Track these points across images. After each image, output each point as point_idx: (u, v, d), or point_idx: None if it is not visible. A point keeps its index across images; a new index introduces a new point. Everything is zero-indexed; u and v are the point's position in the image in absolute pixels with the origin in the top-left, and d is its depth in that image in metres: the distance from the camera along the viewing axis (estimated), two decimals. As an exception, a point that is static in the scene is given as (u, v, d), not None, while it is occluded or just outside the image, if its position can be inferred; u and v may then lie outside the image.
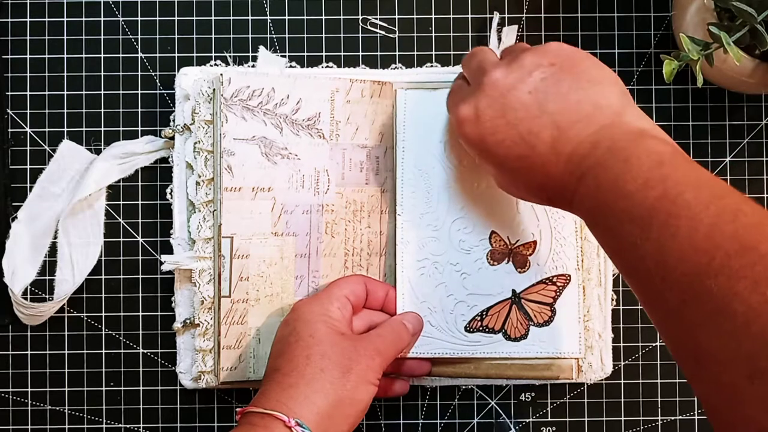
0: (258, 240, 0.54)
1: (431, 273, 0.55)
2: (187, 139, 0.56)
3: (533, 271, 0.55)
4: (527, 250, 0.55)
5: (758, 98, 0.59)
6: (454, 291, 0.55)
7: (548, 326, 0.55)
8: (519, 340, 0.55)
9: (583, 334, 0.55)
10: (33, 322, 0.58)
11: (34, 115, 0.59)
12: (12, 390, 0.58)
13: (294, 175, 0.55)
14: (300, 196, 0.55)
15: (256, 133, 0.54)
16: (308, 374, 0.46)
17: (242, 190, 0.53)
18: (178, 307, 0.57)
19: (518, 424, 0.59)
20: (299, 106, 0.55)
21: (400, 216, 0.55)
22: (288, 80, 0.55)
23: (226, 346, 0.54)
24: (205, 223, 0.55)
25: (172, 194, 0.57)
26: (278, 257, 0.55)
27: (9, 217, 0.57)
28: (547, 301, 0.55)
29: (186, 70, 0.57)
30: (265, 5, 0.59)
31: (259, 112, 0.54)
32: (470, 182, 0.55)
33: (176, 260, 0.55)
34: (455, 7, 0.59)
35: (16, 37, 0.59)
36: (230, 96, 0.53)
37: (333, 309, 0.50)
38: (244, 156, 0.53)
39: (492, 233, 0.55)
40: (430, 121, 0.55)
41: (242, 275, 0.54)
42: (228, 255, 0.53)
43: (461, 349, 0.55)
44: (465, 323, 0.55)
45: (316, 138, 0.55)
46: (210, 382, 0.55)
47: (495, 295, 0.55)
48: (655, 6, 0.59)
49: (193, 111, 0.55)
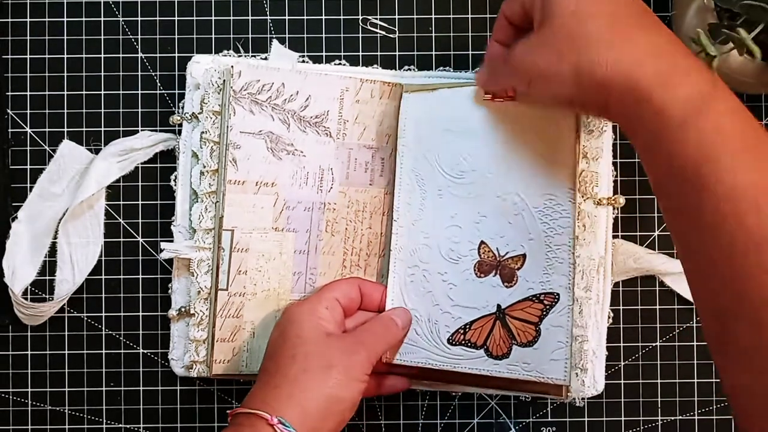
0: (258, 234, 0.54)
1: (420, 281, 0.54)
2: (195, 127, 0.56)
3: (520, 286, 0.53)
4: (515, 264, 0.53)
5: (758, 98, 0.59)
6: (441, 301, 0.54)
7: (532, 347, 0.52)
8: (501, 359, 0.53)
9: (570, 360, 0.52)
10: (33, 322, 0.58)
11: (34, 115, 0.59)
12: (12, 390, 0.58)
13: (298, 172, 0.55)
14: (303, 193, 0.55)
15: (263, 128, 0.54)
16: (292, 374, 0.47)
17: (245, 184, 0.53)
18: (174, 294, 0.57)
19: (518, 424, 0.59)
20: (308, 102, 0.54)
21: (396, 221, 0.55)
22: (298, 76, 0.54)
23: (221, 339, 0.54)
24: (206, 213, 0.54)
25: (176, 181, 0.57)
26: (277, 252, 0.55)
27: (9, 217, 0.58)
28: (532, 320, 0.53)
29: (198, 58, 0.57)
30: (265, 5, 0.59)
31: (267, 106, 0.54)
32: (463, 189, 0.54)
33: (176, 248, 0.55)
34: (455, 7, 0.59)
35: (16, 37, 0.59)
36: (239, 89, 0.53)
37: (321, 309, 0.50)
38: (249, 149, 0.53)
39: (481, 243, 0.53)
40: (427, 124, 0.54)
41: (241, 269, 0.54)
42: (228, 248, 0.53)
43: (443, 361, 0.53)
44: (448, 335, 0.53)
45: (322, 136, 0.55)
46: (201, 372, 0.55)
47: (480, 309, 0.53)
48: (655, 6, 0.59)
49: (202, 100, 0.55)
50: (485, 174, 0.54)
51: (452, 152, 0.54)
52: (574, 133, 0.53)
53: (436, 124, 0.54)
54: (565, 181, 0.53)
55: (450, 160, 0.54)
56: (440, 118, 0.54)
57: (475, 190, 0.54)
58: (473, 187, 0.54)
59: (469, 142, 0.54)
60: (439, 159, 0.54)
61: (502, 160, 0.53)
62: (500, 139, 0.53)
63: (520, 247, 0.53)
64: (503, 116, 0.53)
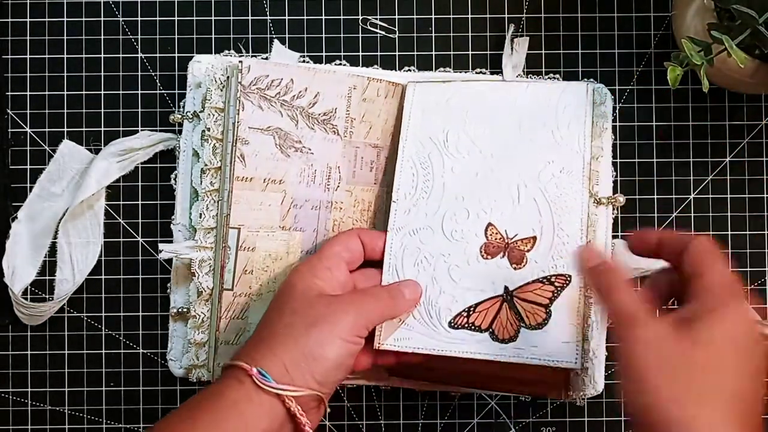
0: (265, 233, 0.53)
1: (420, 262, 0.53)
2: (196, 126, 0.56)
3: (530, 268, 0.52)
4: (525, 246, 0.52)
5: (758, 98, 0.59)
6: (442, 282, 0.52)
7: (541, 329, 0.51)
8: (507, 342, 0.51)
9: (581, 344, 0.50)
10: (33, 322, 0.58)
11: (34, 115, 0.58)
12: (12, 390, 0.58)
13: (306, 170, 0.54)
14: (310, 191, 0.54)
15: (271, 124, 0.53)
16: (276, 330, 0.47)
17: (253, 181, 0.53)
18: (174, 294, 0.56)
19: (518, 424, 0.59)
20: (317, 99, 0.54)
21: (396, 202, 0.54)
22: (308, 73, 0.54)
23: (225, 341, 0.53)
24: (208, 212, 0.54)
25: (176, 180, 0.57)
26: (284, 252, 0.54)
27: (9, 217, 0.57)
28: (542, 302, 0.51)
29: (200, 57, 0.57)
30: (265, 5, 0.59)
31: (276, 102, 0.53)
32: (470, 171, 0.54)
33: (174, 249, 0.54)
34: (455, 7, 0.59)
35: (16, 37, 0.59)
36: (248, 84, 0.52)
37: (321, 269, 0.49)
38: (258, 146, 0.53)
39: (488, 225, 0.53)
40: (434, 108, 0.55)
41: (247, 268, 0.53)
42: (234, 246, 0.53)
43: (442, 346, 0.51)
44: (449, 318, 0.52)
45: (330, 134, 0.55)
46: (201, 376, 0.55)
47: (485, 291, 0.52)
48: (655, 6, 0.59)
49: (203, 98, 0.55)
50: (495, 156, 0.54)
51: (461, 135, 0.54)
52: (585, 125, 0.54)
53: (445, 109, 0.55)
54: (576, 166, 0.53)
55: (458, 143, 0.54)
56: (451, 105, 0.55)
57: (484, 172, 0.54)
58: (482, 169, 0.54)
59: (480, 128, 0.54)
60: (447, 141, 0.54)
61: (513, 145, 0.54)
62: (512, 126, 0.54)
63: (531, 230, 0.52)
64: (515, 104, 0.54)
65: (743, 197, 0.59)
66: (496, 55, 0.59)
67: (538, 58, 0.59)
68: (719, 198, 0.59)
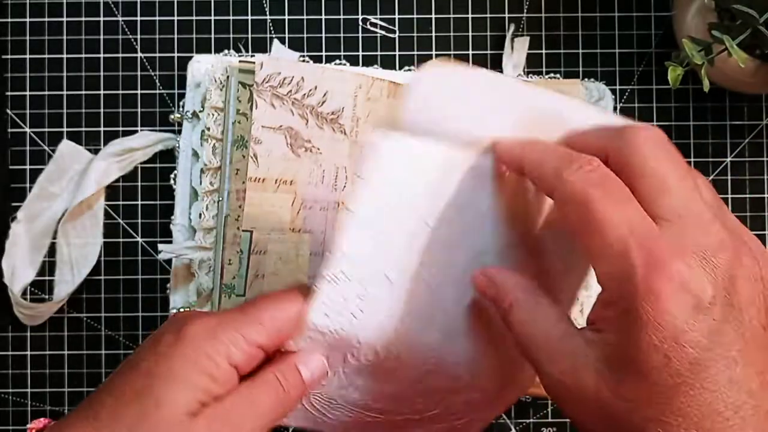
0: (276, 235, 0.52)
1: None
2: (195, 126, 0.56)
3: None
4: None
5: (759, 98, 0.59)
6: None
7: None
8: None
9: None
10: (33, 322, 0.58)
11: (34, 115, 0.58)
12: (12, 390, 0.58)
13: (315, 170, 0.53)
14: (319, 192, 0.53)
15: (283, 123, 0.52)
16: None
17: (265, 182, 0.52)
18: (173, 294, 0.56)
19: (518, 424, 0.59)
20: (325, 98, 0.53)
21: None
22: (317, 71, 0.53)
23: None
24: (207, 212, 0.54)
25: (175, 180, 0.57)
26: (294, 255, 0.53)
27: (8, 217, 0.57)
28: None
29: (199, 57, 0.56)
30: (265, 5, 0.59)
31: (287, 100, 0.52)
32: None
33: (174, 249, 0.54)
34: (455, 7, 0.59)
35: (16, 37, 0.58)
36: (261, 81, 0.51)
37: (218, 350, 0.35)
38: (270, 145, 0.52)
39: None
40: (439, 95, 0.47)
41: (258, 273, 0.52)
42: (246, 250, 0.51)
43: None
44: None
45: (337, 133, 0.54)
46: None
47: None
48: (655, 6, 0.59)
49: (203, 98, 0.55)
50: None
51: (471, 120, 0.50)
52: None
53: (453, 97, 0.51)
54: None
55: (465, 129, 0.50)
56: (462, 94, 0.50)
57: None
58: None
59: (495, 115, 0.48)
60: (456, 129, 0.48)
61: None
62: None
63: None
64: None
65: (744, 197, 0.59)
66: (497, 55, 0.59)
67: (538, 58, 0.59)
68: (720, 198, 0.58)
